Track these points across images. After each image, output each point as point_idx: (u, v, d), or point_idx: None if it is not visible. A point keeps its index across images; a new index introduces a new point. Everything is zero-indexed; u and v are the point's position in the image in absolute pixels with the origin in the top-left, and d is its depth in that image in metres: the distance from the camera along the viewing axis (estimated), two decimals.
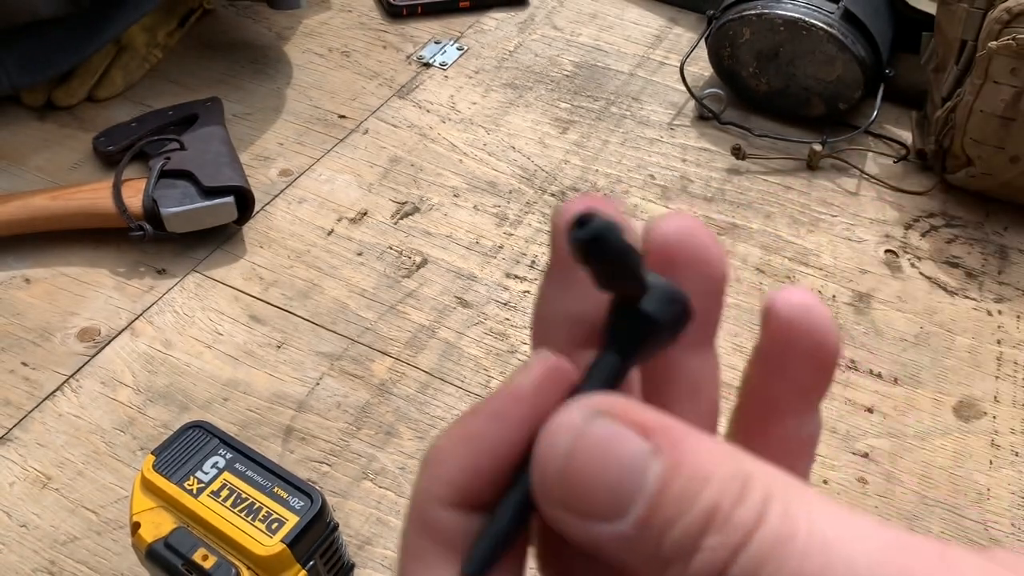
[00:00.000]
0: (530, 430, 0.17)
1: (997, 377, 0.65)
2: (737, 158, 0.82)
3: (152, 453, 0.53)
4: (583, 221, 0.16)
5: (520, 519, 0.16)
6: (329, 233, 0.74)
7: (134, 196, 0.70)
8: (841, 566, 0.15)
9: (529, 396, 0.17)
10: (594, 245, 0.16)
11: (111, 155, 0.77)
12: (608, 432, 0.15)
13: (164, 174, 0.71)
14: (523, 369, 0.17)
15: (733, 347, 0.66)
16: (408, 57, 0.93)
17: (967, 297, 0.71)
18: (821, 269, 0.73)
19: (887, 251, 0.74)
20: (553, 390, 0.17)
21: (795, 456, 0.19)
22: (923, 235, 0.76)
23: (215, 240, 0.72)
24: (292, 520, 0.49)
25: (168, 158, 0.73)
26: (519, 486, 0.16)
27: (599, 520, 0.15)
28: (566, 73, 0.92)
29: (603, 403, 0.16)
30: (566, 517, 0.16)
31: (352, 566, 0.52)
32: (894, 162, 0.82)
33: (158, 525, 0.50)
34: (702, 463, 0.15)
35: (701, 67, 0.91)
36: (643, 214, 0.77)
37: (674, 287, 0.17)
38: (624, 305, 0.17)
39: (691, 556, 0.15)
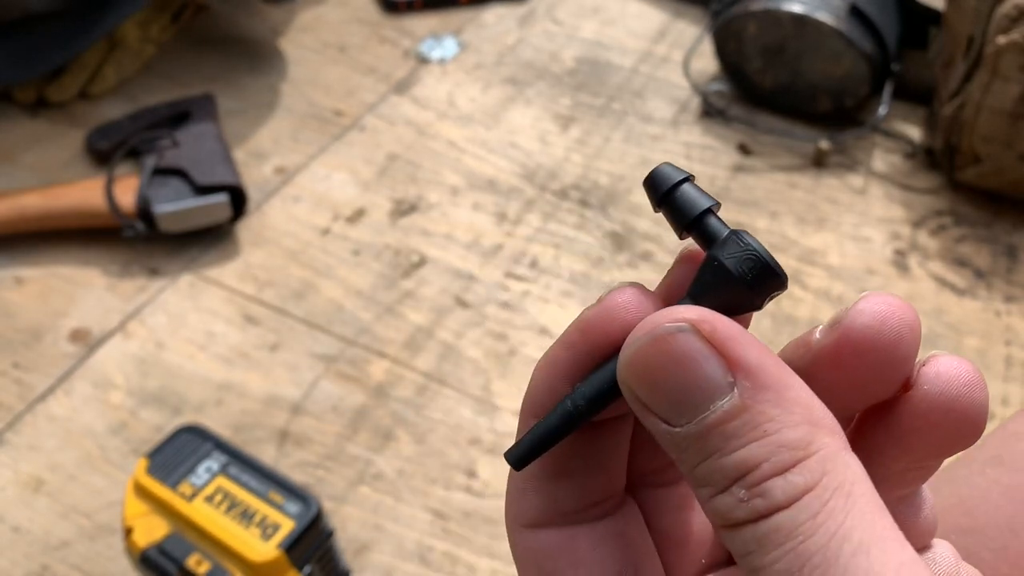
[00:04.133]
0: (593, 357, 0.18)
1: (1006, 379, 0.64)
2: (743, 155, 0.81)
3: (145, 457, 0.52)
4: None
5: (560, 425, 0.18)
6: (325, 232, 0.73)
7: (126, 194, 0.69)
8: None
9: (594, 327, 0.18)
10: (647, 184, 0.18)
11: (103, 152, 0.76)
12: (690, 348, 0.16)
13: (157, 171, 0.70)
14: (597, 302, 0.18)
15: None
16: (405, 52, 0.92)
17: (975, 297, 0.70)
18: (828, 269, 0.71)
19: (895, 250, 0.73)
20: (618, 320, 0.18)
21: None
22: (931, 234, 0.75)
23: (208, 239, 0.71)
24: (288, 525, 0.48)
25: (161, 155, 0.72)
26: (568, 396, 0.18)
27: (654, 416, 0.16)
28: (567, 68, 0.91)
29: (699, 319, 0.16)
30: (633, 402, 0.16)
31: (348, 572, 0.51)
32: (903, 159, 0.81)
33: (151, 530, 0.50)
34: (770, 417, 0.15)
35: (705, 63, 0.89)
36: (645, 213, 0.75)
37: (752, 246, 0.17)
38: (706, 258, 0.18)
39: (715, 493, 0.15)
